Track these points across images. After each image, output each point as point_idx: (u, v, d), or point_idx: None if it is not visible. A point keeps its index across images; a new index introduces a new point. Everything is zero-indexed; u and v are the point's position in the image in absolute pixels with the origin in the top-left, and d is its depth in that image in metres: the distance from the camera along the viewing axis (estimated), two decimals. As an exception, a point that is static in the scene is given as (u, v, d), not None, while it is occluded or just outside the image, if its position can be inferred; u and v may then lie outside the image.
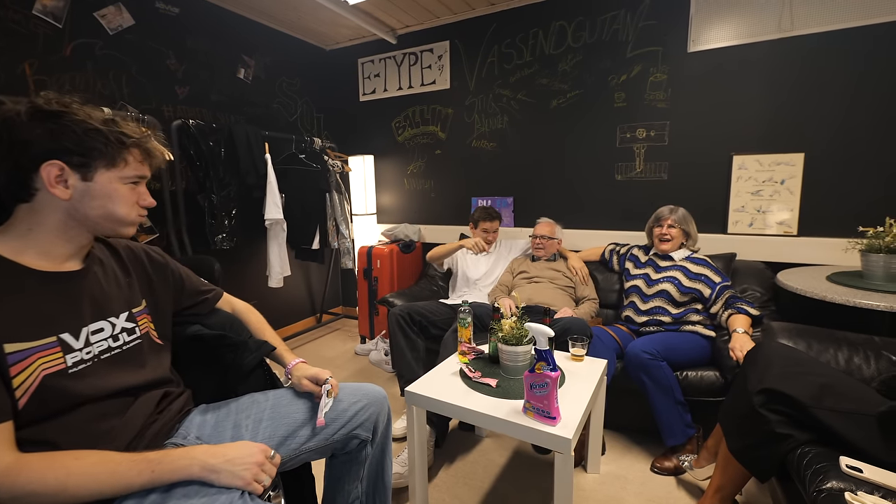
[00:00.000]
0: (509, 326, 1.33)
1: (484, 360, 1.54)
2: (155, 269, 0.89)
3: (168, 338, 0.88)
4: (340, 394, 0.97)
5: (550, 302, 2.08)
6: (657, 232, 1.96)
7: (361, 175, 3.19)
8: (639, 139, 2.33)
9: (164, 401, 0.81)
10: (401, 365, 2.03)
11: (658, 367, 1.57)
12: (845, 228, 1.87)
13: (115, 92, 2.10)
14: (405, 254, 2.94)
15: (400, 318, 2.07)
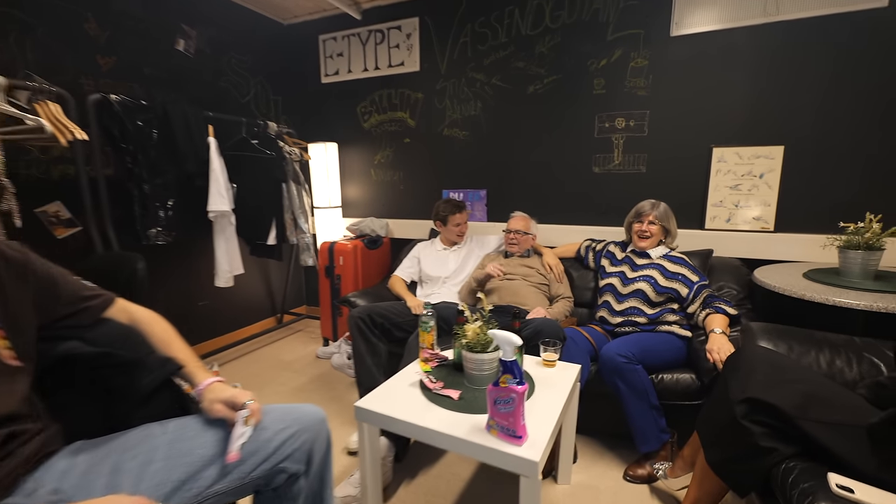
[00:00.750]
0: (473, 332, 1.23)
1: (448, 367, 1.43)
2: (8, 269, 0.72)
3: (30, 357, 0.71)
4: (265, 419, 0.83)
5: (523, 301, 2.00)
6: (637, 228, 1.90)
7: (324, 164, 3.01)
8: (618, 129, 2.27)
9: (9, 443, 0.64)
10: (360, 371, 1.91)
11: (633, 371, 1.51)
12: (822, 224, 1.86)
13: (16, 57, 1.85)
14: (371, 250, 2.80)
15: (360, 321, 1.93)
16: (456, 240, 2.40)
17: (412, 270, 2.47)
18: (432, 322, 1.47)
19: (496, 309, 1.99)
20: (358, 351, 1.93)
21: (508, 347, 0.98)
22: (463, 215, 2.35)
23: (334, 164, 3.07)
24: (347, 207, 3.23)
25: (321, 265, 2.79)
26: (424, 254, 2.46)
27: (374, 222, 2.94)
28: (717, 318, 1.61)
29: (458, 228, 2.36)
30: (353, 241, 2.74)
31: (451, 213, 2.34)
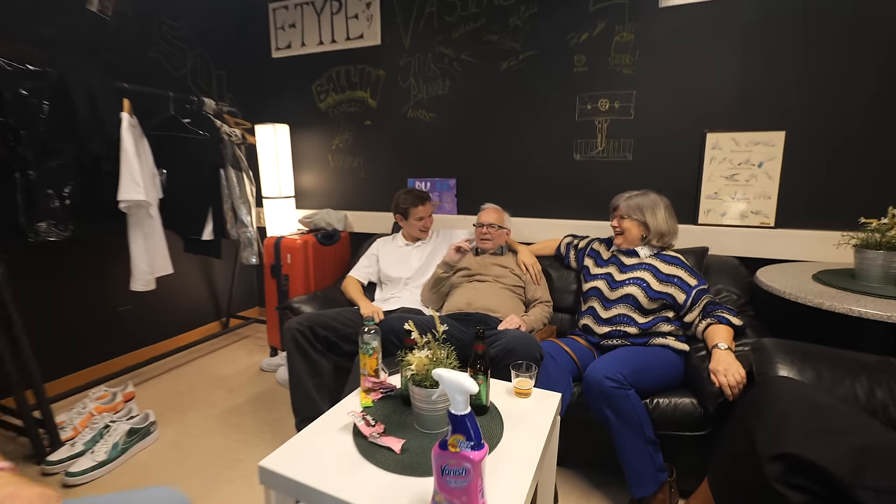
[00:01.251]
0: (420, 363, 0.93)
1: (396, 399, 1.13)
2: None
3: None
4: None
5: (495, 306, 1.71)
6: (612, 224, 1.66)
7: (273, 148, 2.64)
8: (601, 111, 2.00)
9: None
10: (298, 396, 1.58)
11: (624, 398, 1.24)
12: (829, 220, 1.65)
13: None
14: (325, 245, 2.46)
15: (298, 334, 1.61)
16: (419, 235, 2.10)
17: (370, 270, 2.15)
18: (375, 342, 1.17)
19: (462, 317, 1.70)
20: (295, 371, 1.60)
21: (460, 397, 0.68)
22: (426, 207, 2.05)
23: (285, 149, 2.69)
24: (302, 198, 2.87)
25: (266, 263, 2.43)
26: (384, 251, 2.15)
27: (330, 215, 2.59)
28: (721, 331, 1.36)
29: (421, 223, 2.05)
30: (305, 236, 2.40)
31: (412, 204, 2.03)
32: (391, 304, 1.96)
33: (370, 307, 1.88)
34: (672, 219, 1.58)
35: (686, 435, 1.29)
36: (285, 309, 1.96)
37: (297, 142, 2.80)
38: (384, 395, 1.17)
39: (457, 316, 1.71)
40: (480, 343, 1.06)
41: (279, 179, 2.67)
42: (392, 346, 1.51)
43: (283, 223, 2.70)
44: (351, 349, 1.73)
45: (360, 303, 1.93)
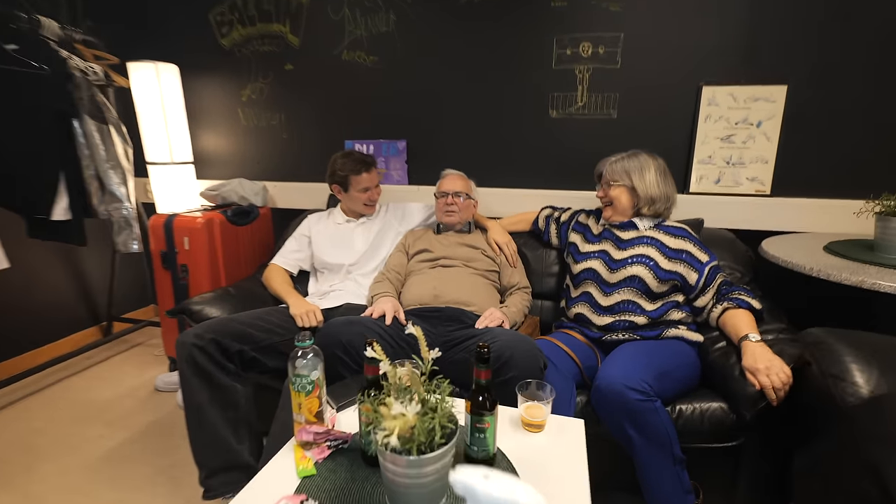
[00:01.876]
0: (403, 425, 0.54)
1: (352, 456, 0.74)
2: None
3: None
4: None
5: (469, 298, 1.36)
6: (599, 195, 1.39)
7: (156, 96, 1.97)
8: (583, 57, 1.68)
9: None
10: (201, 441, 1.12)
11: (653, 413, 0.97)
12: (829, 187, 1.51)
13: None
14: (238, 225, 1.91)
15: (197, 352, 1.12)
16: (364, 210, 1.65)
17: (299, 256, 1.67)
18: (315, 372, 0.75)
19: (428, 314, 1.32)
20: (194, 404, 1.12)
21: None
22: (372, 175, 1.60)
23: (176, 98, 2.03)
24: (204, 165, 2.23)
25: (154, 250, 1.82)
26: (318, 230, 1.67)
27: (243, 186, 2.02)
28: (744, 318, 1.14)
29: (365, 195, 1.60)
30: (209, 214, 1.82)
31: (354, 171, 1.57)
32: (331, 299, 1.51)
33: (303, 304, 1.42)
34: (666, 183, 1.32)
35: (714, 447, 1.06)
36: (180, 314, 1.42)
37: (192, 90, 2.15)
38: (335, 446, 0.77)
39: (422, 312, 1.33)
40: (484, 368, 0.69)
41: (169, 139, 2.02)
42: (339, 365, 1.09)
43: (179, 197, 2.07)
44: (279, 364, 1.28)
45: (289, 299, 1.47)
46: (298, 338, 0.77)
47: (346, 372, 1.08)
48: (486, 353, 0.69)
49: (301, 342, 0.76)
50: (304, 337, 0.77)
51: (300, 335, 0.77)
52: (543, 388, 0.86)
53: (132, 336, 2.30)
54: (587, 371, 1.17)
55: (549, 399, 0.83)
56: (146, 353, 2.17)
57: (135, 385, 1.88)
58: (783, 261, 1.24)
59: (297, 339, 0.77)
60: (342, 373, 1.07)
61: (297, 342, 0.77)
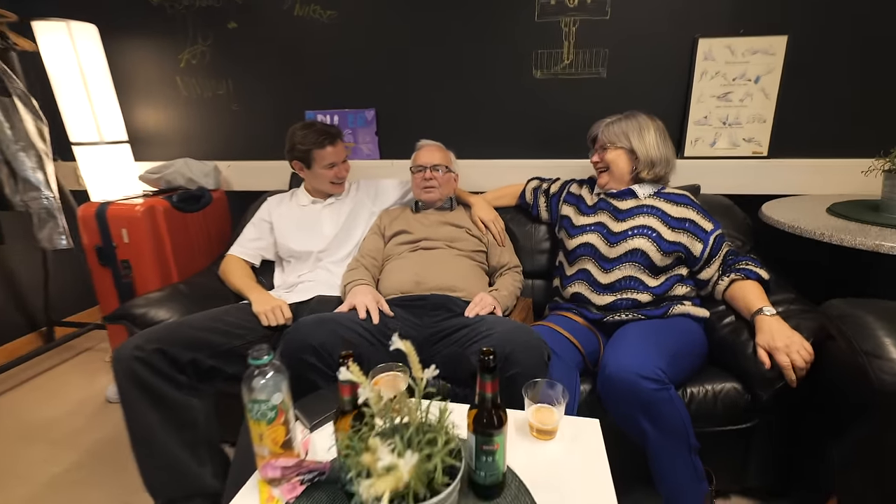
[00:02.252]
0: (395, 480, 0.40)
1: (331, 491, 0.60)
2: None
3: None
4: None
5: (455, 283, 1.22)
6: (593, 160, 1.27)
7: (72, 63, 1.67)
8: (569, 8, 1.51)
9: None
10: (151, 466, 0.96)
11: (668, 403, 0.88)
12: (828, 146, 1.44)
13: None
14: (187, 212, 1.68)
15: (140, 366, 0.95)
16: (331, 189, 1.47)
17: (260, 244, 1.48)
18: (277, 395, 0.60)
19: (411, 303, 1.18)
20: (140, 426, 0.95)
21: None
22: (338, 149, 1.41)
23: (97, 65, 1.73)
24: (142, 144, 1.96)
25: (88, 245, 1.58)
26: (280, 214, 1.48)
27: (190, 167, 1.77)
28: (754, 290, 1.06)
29: (332, 171, 1.41)
30: (150, 200, 1.59)
31: (316, 145, 1.37)
32: (300, 291, 1.35)
33: (267, 300, 1.25)
34: (665, 144, 1.21)
35: (727, 430, 1.00)
36: (120, 319, 1.22)
37: (118, 56, 1.85)
38: (309, 479, 0.63)
39: (403, 301, 1.19)
40: (491, 378, 0.56)
41: (94, 115, 1.74)
42: (310, 373, 0.94)
43: (115, 182, 1.80)
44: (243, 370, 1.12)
45: (251, 294, 1.29)
46: (252, 353, 0.61)
47: (321, 380, 0.93)
48: (493, 361, 0.55)
49: (256, 359, 0.61)
50: (260, 352, 0.61)
51: (255, 350, 0.62)
52: (553, 387, 0.74)
53: (78, 342, 2.05)
54: (589, 357, 1.07)
55: (561, 402, 0.72)
56: (95, 359, 1.94)
57: (82, 397, 1.67)
58: (788, 226, 1.17)
59: (250, 355, 0.61)
60: (315, 381, 0.93)
61: (250, 359, 0.61)
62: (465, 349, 0.96)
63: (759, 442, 0.99)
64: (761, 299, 1.02)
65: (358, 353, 0.96)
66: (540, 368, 0.88)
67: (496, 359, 0.56)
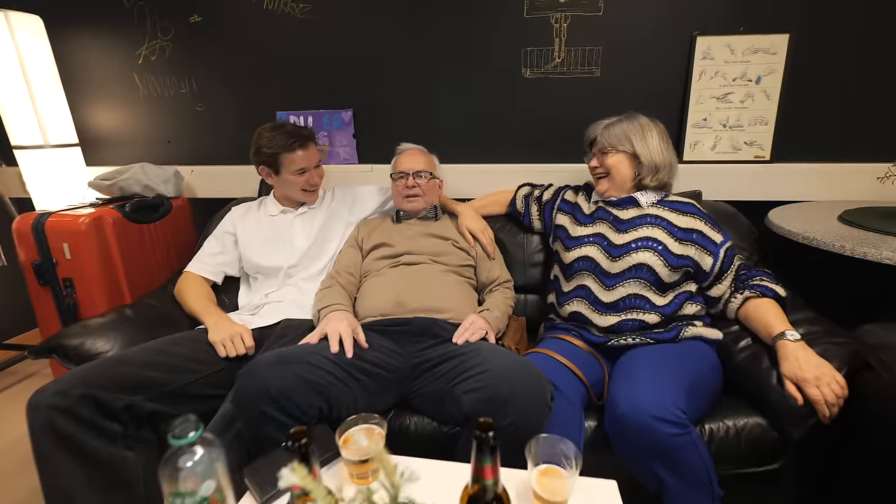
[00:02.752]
0: None
1: None
2: None
3: None
4: None
5: (441, 303, 1.06)
6: (591, 165, 1.13)
7: (12, 57, 1.46)
8: (560, 4, 1.38)
9: None
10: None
11: (691, 448, 0.74)
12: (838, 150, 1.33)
13: None
14: (141, 223, 1.48)
15: (58, 416, 0.78)
16: (302, 197, 1.29)
17: (222, 260, 1.29)
18: (208, 485, 0.44)
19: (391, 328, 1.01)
20: (56, 485, 0.77)
21: None
22: (310, 153, 1.24)
23: (42, 60, 1.53)
24: (95, 148, 1.74)
25: (25, 262, 1.37)
26: (246, 226, 1.30)
27: (147, 173, 1.57)
28: (773, 309, 0.93)
29: (303, 178, 1.24)
30: (99, 210, 1.38)
31: (285, 148, 1.19)
32: (265, 315, 1.17)
33: (225, 326, 1.07)
34: (668, 148, 1.09)
35: (750, 472, 0.86)
36: (49, 354, 1.02)
37: (67, 50, 1.64)
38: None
39: (384, 326, 1.02)
40: (491, 462, 0.41)
41: (38, 114, 1.53)
42: (268, 425, 0.76)
43: (63, 190, 1.59)
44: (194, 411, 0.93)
45: (208, 319, 1.10)
46: (175, 430, 0.44)
47: (281, 434, 0.75)
48: (493, 439, 0.40)
49: (179, 437, 0.44)
50: (185, 427, 0.45)
51: (179, 425, 0.45)
52: (563, 444, 0.59)
53: (20, 366, 1.81)
54: (594, 388, 0.93)
55: (574, 466, 0.56)
56: (38, 386, 1.70)
57: (17, 435, 1.44)
58: (802, 236, 1.05)
59: (171, 433, 0.44)
60: (275, 436, 0.75)
61: (171, 438, 0.44)
62: (454, 386, 0.81)
63: (787, 485, 0.86)
64: (782, 321, 0.90)
65: (327, 398, 0.80)
66: (542, 414, 0.73)
67: (496, 438, 0.40)
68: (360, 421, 0.65)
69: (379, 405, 0.91)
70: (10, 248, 1.45)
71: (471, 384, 0.77)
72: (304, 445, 0.45)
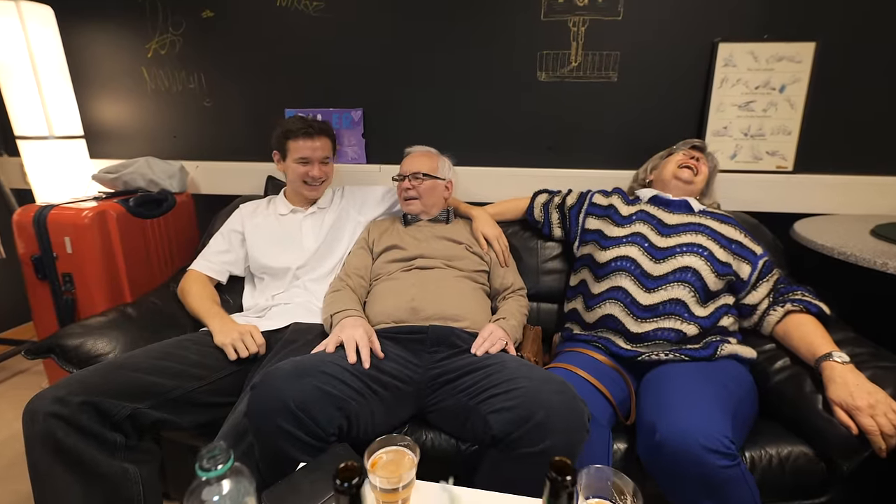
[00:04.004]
0: None
1: None
2: None
3: None
4: None
5: (457, 310, 0.94)
6: (679, 159, 1.03)
7: (21, 47, 1.36)
8: (578, 7, 1.28)
9: None
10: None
11: (740, 482, 0.63)
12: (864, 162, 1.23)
13: None
14: (145, 218, 1.36)
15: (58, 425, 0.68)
16: (302, 190, 1.18)
17: (228, 259, 1.18)
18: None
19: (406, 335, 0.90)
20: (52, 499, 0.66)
21: None
22: (315, 144, 1.13)
23: (51, 51, 1.42)
24: (100, 140, 1.63)
25: (24, 255, 1.25)
26: (254, 224, 1.19)
27: (152, 167, 1.45)
28: (816, 328, 0.82)
29: (304, 169, 1.13)
30: (102, 204, 1.27)
31: (292, 133, 1.11)
32: (273, 318, 1.05)
33: (231, 328, 0.95)
34: None
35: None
36: (46, 354, 0.91)
37: (76, 42, 1.53)
38: None
39: (397, 334, 0.91)
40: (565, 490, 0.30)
41: (44, 105, 1.41)
42: (284, 442, 0.65)
43: (66, 183, 1.47)
44: (198, 419, 0.82)
45: (212, 322, 0.99)
46: (203, 459, 0.34)
47: (299, 452, 0.64)
48: (572, 485, 0.29)
49: (207, 470, 0.33)
50: (214, 458, 0.34)
51: (207, 455, 0.34)
52: (619, 479, 0.48)
53: (11, 362, 1.68)
54: (620, 407, 0.82)
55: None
56: (29, 384, 1.58)
57: (4, 436, 1.32)
58: (837, 252, 0.94)
59: (199, 463, 0.34)
60: (292, 455, 0.64)
61: (199, 469, 0.34)
62: (479, 403, 0.69)
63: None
64: (827, 341, 0.79)
65: (347, 415, 0.69)
66: (579, 440, 0.62)
67: (573, 482, 0.29)
68: (388, 442, 0.54)
69: (396, 419, 0.80)
70: (8, 241, 1.33)
71: (500, 402, 0.66)
72: (356, 486, 0.35)
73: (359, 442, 0.68)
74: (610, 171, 1.34)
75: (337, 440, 0.67)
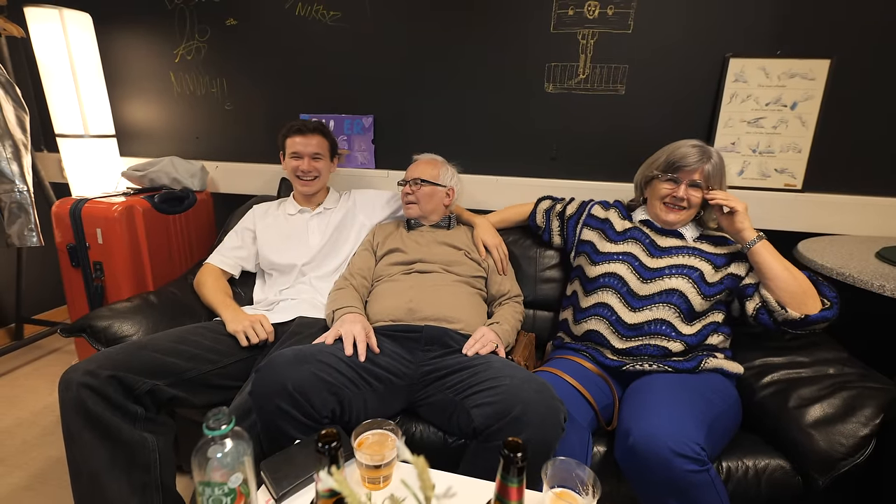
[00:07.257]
0: None
1: None
2: None
3: None
4: None
5: (452, 313, 1.02)
6: (666, 189, 0.99)
7: (62, 51, 1.51)
8: (588, 20, 1.34)
9: None
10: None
11: (709, 487, 0.68)
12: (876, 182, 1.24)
13: None
14: (168, 214, 1.50)
15: (89, 395, 0.79)
16: (296, 185, 1.29)
17: (241, 254, 1.29)
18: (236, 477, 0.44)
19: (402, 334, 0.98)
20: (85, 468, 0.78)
21: None
22: (307, 140, 1.23)
23: (89, 55, 1.57)
24: (129, 139, 1.78)
25: (60, 244, 1.40)
26: (265, 224, 1.30)
27: (176, 166, 1.59)
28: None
29: (294, 163, 1.24)
30: (130, 199, 1.40)
31: (289, 132, 1.25)
32: (280, 311, 1.15)
33: (242, 317, 1.06)
34: None
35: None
36: (79, 332, 1.03)
37: (111, 47, 1.69)
38: None
39: (394, 331, 0.99)
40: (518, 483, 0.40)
41: (81, 106, 1.57)
42: (283, 422, 0.75)
43: (98, 178, 1.63)
44: (211, 400, 0.93)
45: (224, 312, 1.09)
46: (210, 421, 0.43)
47: (295, 430, 0.74)
48: (522, 459, 0.36)
49: (213, 429, 0.43)
50: (219, 420, 0.43)
51: (213, 416, 0.43)
52: (581, 470, 0.54)
53: (46, 341, 1.86)
54: (603, 413, 0.87)
55: (591, 494, 0.52)
56: (62, 362, 1.74)
57: (39, 407, 1.47)
58: (836, 272, 0.97)
59: (206, 423, 0.43)
60: (289, 432, 0.73)
61: (206, 428, 0.43)
62: (464, 399, 0.77)
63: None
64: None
65: (340, 400, 0.78)
66: (554, 436, 0.69)
67: (525, 457, 0.36)
68: (374, 426, 0.63)
69: (388, 410, 0.89)
70: (47, 230, 1.49)
71: (482, 398, 0.74)
72: (334, 448, 0.44)
73: (352, 427, 0.76)
74: (614, 184, 1.39)
75: (330, 423, 0.76)
